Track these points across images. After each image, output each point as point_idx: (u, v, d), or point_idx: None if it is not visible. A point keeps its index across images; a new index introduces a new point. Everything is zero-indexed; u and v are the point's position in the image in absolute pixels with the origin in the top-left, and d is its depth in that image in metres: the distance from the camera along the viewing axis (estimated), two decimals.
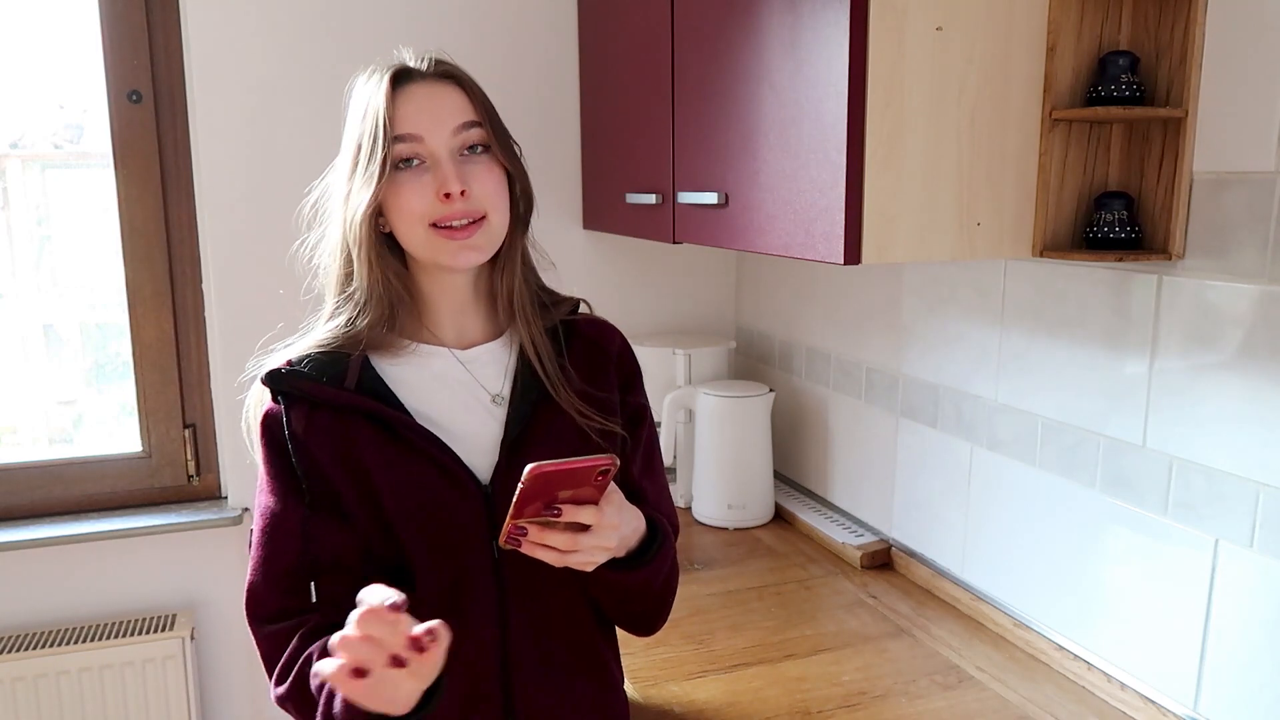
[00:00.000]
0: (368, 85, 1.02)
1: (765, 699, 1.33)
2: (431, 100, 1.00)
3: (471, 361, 1.06)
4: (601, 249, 2.20)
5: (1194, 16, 1.14)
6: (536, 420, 1.05)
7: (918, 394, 1.69)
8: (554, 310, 1.11)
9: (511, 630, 1.02)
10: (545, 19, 2.08)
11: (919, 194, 1.18)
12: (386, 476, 0.99)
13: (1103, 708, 1.31)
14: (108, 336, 2.12)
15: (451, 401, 1.04)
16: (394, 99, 0.99)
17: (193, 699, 1.93)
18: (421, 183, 0.98)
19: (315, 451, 1.00)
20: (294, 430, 1.00)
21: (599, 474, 0.88)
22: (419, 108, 0.99)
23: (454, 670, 1.01)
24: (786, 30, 1.25)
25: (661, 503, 1.14)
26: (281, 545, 1.00)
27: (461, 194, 0.98)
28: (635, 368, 1.16)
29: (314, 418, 1.00)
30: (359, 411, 1.00)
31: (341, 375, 1.01)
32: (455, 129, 1.00)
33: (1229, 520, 1.15)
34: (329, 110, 1.95)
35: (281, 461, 1.01)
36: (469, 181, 0.99)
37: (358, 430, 1.00)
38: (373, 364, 1.03)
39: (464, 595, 1.00)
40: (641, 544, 1.02)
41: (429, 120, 0.99)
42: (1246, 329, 1.12)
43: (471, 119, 1.01)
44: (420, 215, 0.99)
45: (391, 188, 0.99)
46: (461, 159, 1.00)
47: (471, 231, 1.00)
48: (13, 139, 2.00)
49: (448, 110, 1.00)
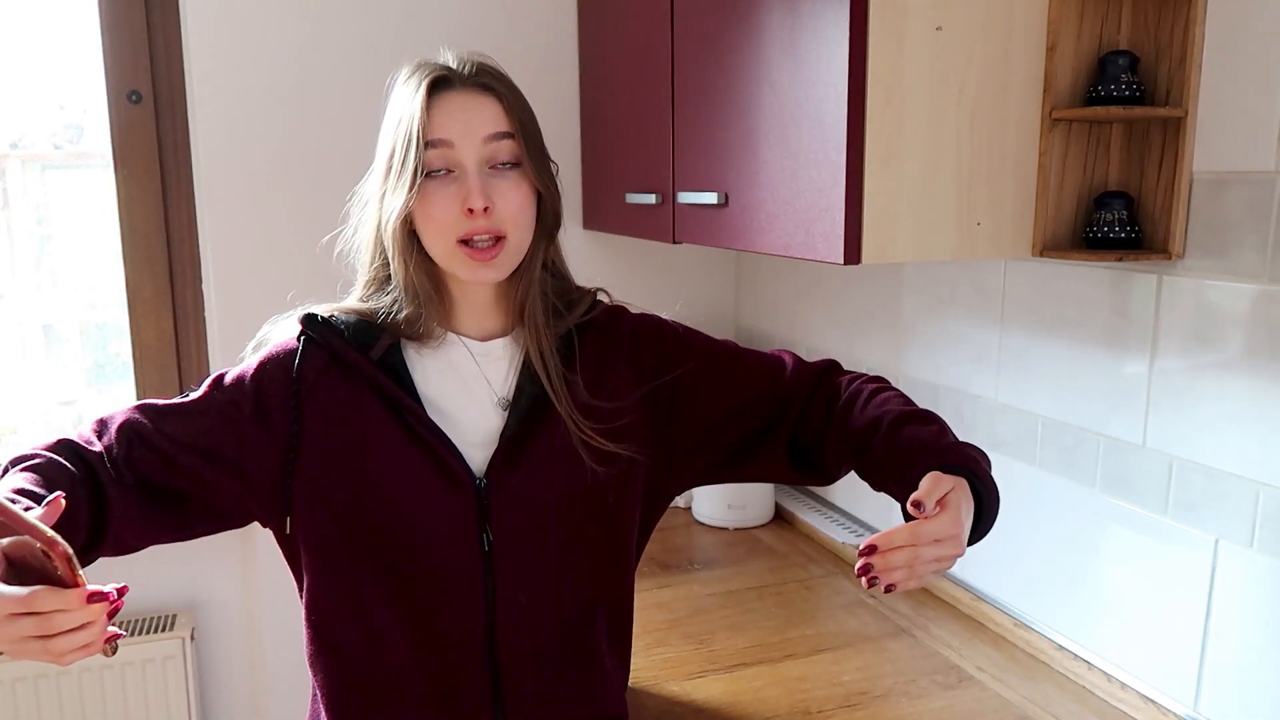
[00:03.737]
0: (406, 87, 1.02)
1: (765, 699, 1.33)
2: (466, 109, 1.00)
3: (485, 355, 1.07)
4: (601, 249, 2.20)
5: (1194, 16, 1.14)
6: (537, 419, 1.05)
7: (918, 394, 1.68)
8: (569, 315, 1.10)
9: (500, 620, 1.03)
10: (545, 19, 2.08)
11: (919, 194, 1.18)
12: (382, 456, 1.00)
13: (1103, 708, 1.31)
14: (108, 336, 2.12)
15: (461, 391, 1.05)
16: (429, 106, 0.99)
17: (193, 699, 1.93)
18: (448, 193, 0.99)
19: (309, 401, 1.01)
20: (304, 372, 1.01)
21: (41, 550, 0.74)
22: (452, 116, 0.99)
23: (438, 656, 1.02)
24: (786, 30, 1.25)
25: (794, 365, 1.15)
26: (188, 419, 1.00)
27: (485, 210, 0.98)
28: (656, 342, 1.13)
29: (328, 371, 1.02)
30: (372, 385, 1.01)
31: (369, 347, 1.02)
32: (486, 138, 0.99)
33: (1229, 520, 1.15)
34: (329, 110, 1.95)
35: (261, 384, 1.02)
36: (493, 197, 0.99)
37: (365, 402, 1.01)
38: (400, 346, 1.04)
39: (450, 585, 1.01)
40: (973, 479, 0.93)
41: (461, 128, 0.99)
42: (1246, 329, 1.12)
43: (504, 130, 1.00)
44: (445, 228, 0.99)
45: (421, 195, 0.99)
46: (490, 172, 1.00)
47: (494, 254, 1.00)
48: (13, 139, 2.00)
49: (481, 120, 1.00)
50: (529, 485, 1.03)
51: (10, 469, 0.91)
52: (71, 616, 0.75)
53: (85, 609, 0.75)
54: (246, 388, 1.02)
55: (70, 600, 0.74)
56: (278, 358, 1.04)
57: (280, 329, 1.07)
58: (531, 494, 1.03)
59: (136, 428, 0.99)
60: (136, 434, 0.99)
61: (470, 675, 1.03)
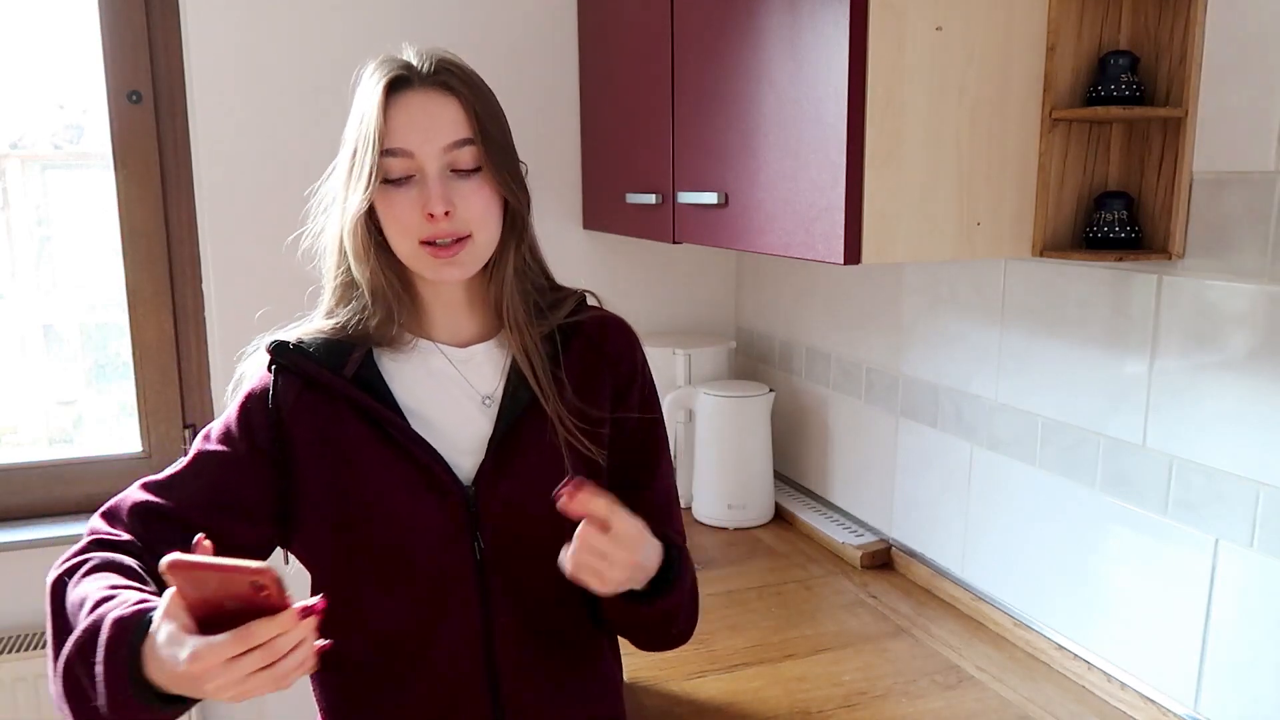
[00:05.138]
0: (367, 84, 1.00)
1: (765, 699, 1.33)
2: (425, 113, 0.98)
3: (465, 361, 1.06)
4: (601, 249, 2.20)
5: (1194, 16, 1.14)
6: (525, 424, 1.04)
7: (918, 394, 1.69)
8: (552, 315, 1.08)
9: (496, 628, 1.02)
10: (545, 18, 2.08)
11: (919, 194, 1.18)
12: (368, 473, 1.00)
13: (1103, 708, 1.31)
14: (108, 336, 2.12)
15: (444, 399, 1.04)
16: (388, 108, 0.97)
17: None
18: (409, 197, 0.98)
19: (293, 427, 1.00)
20: (281, 402, 1.01)
21: (251, 585, 0.75)
22: (411, 121, 0.97)
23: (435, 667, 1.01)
24: (786, 30, 1.25)
25: (670, 519, 1.12)
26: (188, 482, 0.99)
27: (445, 214, 0.97)
28: (633, 374, 1.12)
29: (304, 396, 1.01)
30: (350, 403, 1.01)
31: (342, 364, 1.01)
32: (446, 147, 0.98)
33: (1229, 520, 1.15)
34: (329, 110, 1.95)
35: (246, 419, 1.01)
36: (455, 201, 0.98)
37: (345, 421, 1.01)
38: (374, 357, 1.04)
39: (446, 594, 1.01)
40: (661, 571, 0.99)
41: (419, 136, 0.97)
42: (1246, 329, 1.12)
43: (464, 137, 0.98)
44: (407, 229, 0.99)
45: (382, 198, 0.98)
46: (451, 175, 0.99)
47: (455, 251, 0.99)
48: (13, 139, 2.00)
49: (440, 126, 0.98)
50: (518, 491, 1.02)
51: (70, 585, 0.89)
52: (289, 637, 0.76)
53: (299, 626, 0.76)
54: (235, 432, 1.02)
55: (285, 622, 0.76)
56: (255, 395, 1.03)
57: (253, 363, 1.06)
58: (521, 500, 1.02)
59: (147, 506, 0.99)
60: (149, 512, 0.99)
61: (470, 683, 1.02)
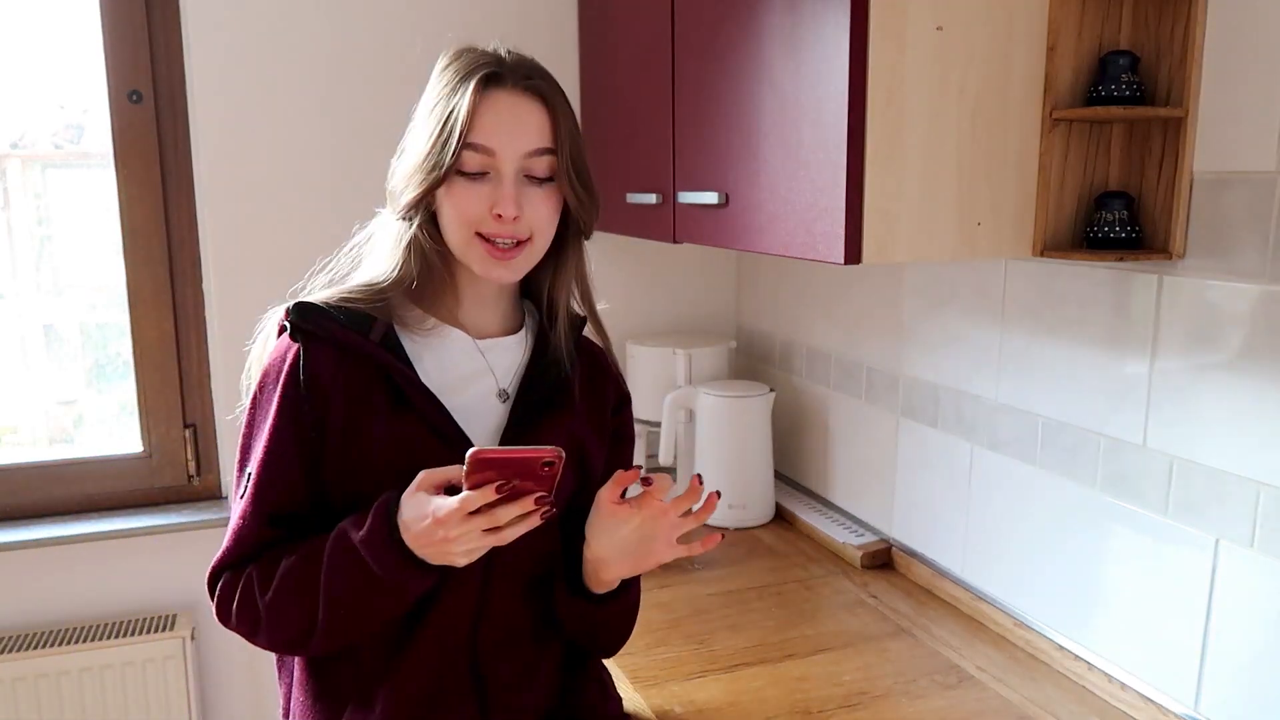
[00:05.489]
0: (453, 70, 1.01)
1: (765, 699, 1.33)
2: (514, 115, 0.99)
3: (487, 351, 1.07)
4: (601, 249, 2.19)
5: (1194, 16, 1.14)
6: (540, 419, 1.06)
7: (918, 394, 1.69)
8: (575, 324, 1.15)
9: (491, 597, 1.04)
10: (545, 18, 2.08)
11: (919, 194, 1.18)
12: (384, 434, 1.00)
13: (1103, 708, 1.31)
14: (108, 336, 2.12)
15: (461, 385, 1.05)
16: (478, 102, 0.98)
17: (193, 699, 1.93)
18: (480, 192, 0.99)
19: (331, 395, 1.00)
20: (314, 372, 1.00)
21: (544, 465, 0.88)
22: (499, 120, 0.98)
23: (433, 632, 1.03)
24: (786, 30, 1.25)
25: None
26: (279, 483, 1.00)
27: (515, 219, 0.99)
28: (625, 396, 1.20)
29: (340, 362, 1.00)
30: (375, 365, 1.01)
31: (366, 329, 1.01)
32: (528, 153, 0.99)
33: (1229, 520, 1.15)
34: (329, 110, 1.95)
35: (289, 403, 1.00)
36: (524, 205, 0.99)
37: (369, 384, 1.01)
38: (396, 334, 1.04)
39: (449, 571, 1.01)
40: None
41: (504, 137, 0.98)
42: (1247, 329, 1.12)
43: (546, 146, 1.00)
44: (468, 221, 1.00)
45: (450, 184, 0.99)
46: (525, 180, 1.00)
47: (513, 255, 1.01)
48: (13, 139, 2.00)
49: (526, 130, 0.99)
50: None
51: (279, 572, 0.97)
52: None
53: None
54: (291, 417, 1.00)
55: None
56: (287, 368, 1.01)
57: (266, 335, 1.07)
58: None
59: (262, 538, 1.01)
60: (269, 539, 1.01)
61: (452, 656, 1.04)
